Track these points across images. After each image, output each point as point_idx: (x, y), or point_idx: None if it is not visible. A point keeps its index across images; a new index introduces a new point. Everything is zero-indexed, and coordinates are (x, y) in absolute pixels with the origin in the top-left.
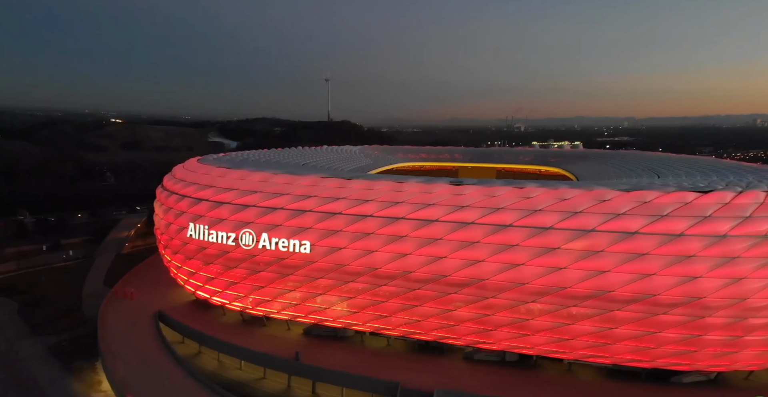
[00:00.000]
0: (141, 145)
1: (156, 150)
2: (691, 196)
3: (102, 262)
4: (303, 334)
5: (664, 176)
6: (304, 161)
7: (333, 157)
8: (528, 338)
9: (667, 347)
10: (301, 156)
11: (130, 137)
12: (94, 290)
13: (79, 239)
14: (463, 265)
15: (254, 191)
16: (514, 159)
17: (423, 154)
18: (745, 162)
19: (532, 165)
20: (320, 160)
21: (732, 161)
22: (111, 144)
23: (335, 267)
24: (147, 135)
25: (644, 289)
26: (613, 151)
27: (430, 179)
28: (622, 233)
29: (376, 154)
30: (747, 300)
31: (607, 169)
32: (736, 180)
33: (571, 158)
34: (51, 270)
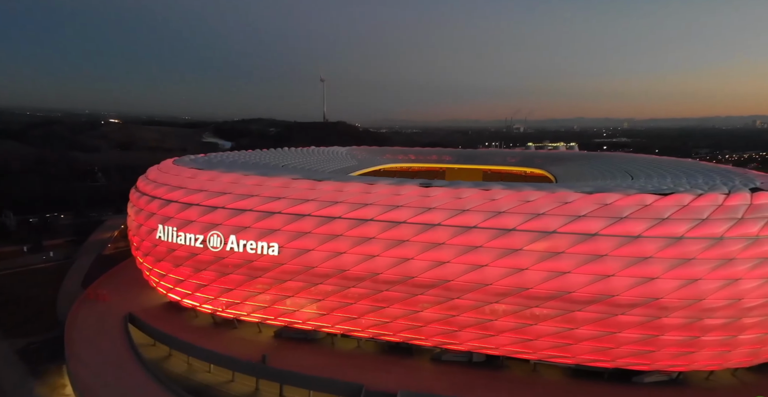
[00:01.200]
0: (134, 146)
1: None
2: (651, 199)
3: (82, 263)
4: (274, 336)
5: (638, 178)
6: (285, 162)
7: (317, 159)
8: (492, 338)
9: (627, 347)
10: (284, 157)
11: (123, 138)
12: (71, 292)
13: (62, 240)
14: (430, 266)
15: (223, 193)
16: (501, 160)
17: (411, 156)
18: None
19: (518, 167)
20: (302, 162)
21: (709, 164)
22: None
23: (304, 269)
24: (141, 135)
25: (603, 290)
26: (598, 153)
27: (401, 181)
28: (582, 234)
29: (364, 156)
30: (703, 301)
31: (586, 170)
32: (704, 182)
33: (556, 160)
34: (30, 272)
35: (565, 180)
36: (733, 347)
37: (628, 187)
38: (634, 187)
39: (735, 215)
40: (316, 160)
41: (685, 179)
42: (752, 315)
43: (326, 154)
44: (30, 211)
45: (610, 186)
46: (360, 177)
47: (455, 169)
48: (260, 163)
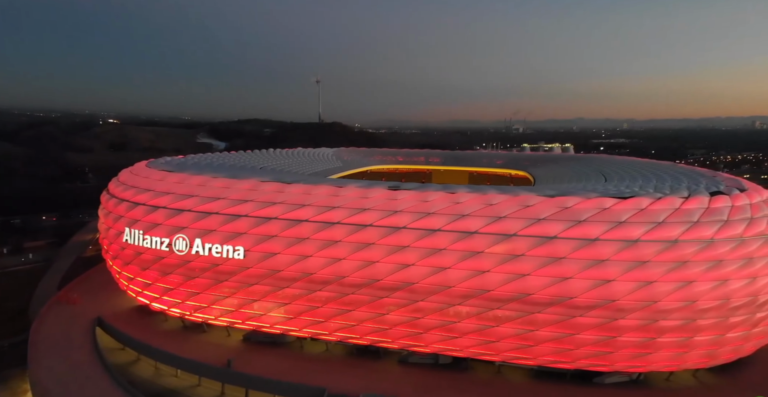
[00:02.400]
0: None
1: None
2: (610, 203)
3: (60, 265)
4: (243, 340)
5: (611, 180)
6: (265, 164)
7: (300, 160)
8: (456, 340)
9: (586, 348)
10: (267, 159)
11: (117, 138)
12: (47, 295)
13: (44, 242)
14: (395, 269)
15: (190, 195)
16: (487, 162)
17: (399, 158)
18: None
19: (503, 169)
20: (283, 164)
21: (685, 166)
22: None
23: (270, 273)
24: (135, 136)
25: (562, 292)
26: (583, 155)
27: (370, 184)
28: (541, 237)
29: (351, 157)
30: (658, 303)
31: (565, 172)
32: (670, 185)
33: (540, 162)
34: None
35: (543, 181)
36: (689, 348)
37: (589, 190)
38: (597, 190)
39: (691, 219)
40: (299, 162)
41: (654, 182)
42: (707, 317)
43: (312, 155)
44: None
45: (573, 189)
46: (330, 180)
47: (441, 171)
48: (237, 166)
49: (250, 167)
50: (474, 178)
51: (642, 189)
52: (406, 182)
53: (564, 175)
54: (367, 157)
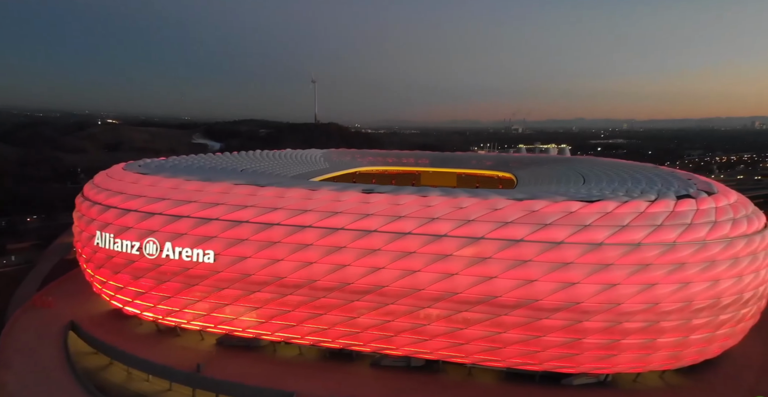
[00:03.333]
0: (122, 147)
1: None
2: (576, 206)
3: (42, 268)
4: (216, 344)
5: (589, 181)
6: (247, 167)
7: (285, 162)
8: (426, 342)
9: (552, 350)
10: (250, 161)
11: (112, 139)
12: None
13: (28, 244)
14: (366, 272)
15: (162, 199)
16: (475, 164)
17: (389, 159)
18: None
19: (490, 170)
20: (266, 166)
21: (665, 168)
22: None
23: (241, 277)
24: (130, 136)
25: (528, 294)
26: (570, 157)
27: (344, 187)
28: (509, 240)
29: (339, 159)
30: (621, 305)
31: (547, 174)
32: (644, 187)
33: (526, 164)
34: None
35: (524, 183)
36: (653, 350)
37: (560, 193)
38: (568, 193)
39: (655, 222)
40: (284, 164)
41: (629, 184)
42: (670, 319)
43: (299, 157)
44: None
45: (542, 192)
46: (304, 183)
47: (430, 172)
48: (217, 168)
49: (231, 170)
50: (462, 180)
51: (614, 192)
52: (381, 185)
53: (546, 177)
54: (357, 158)
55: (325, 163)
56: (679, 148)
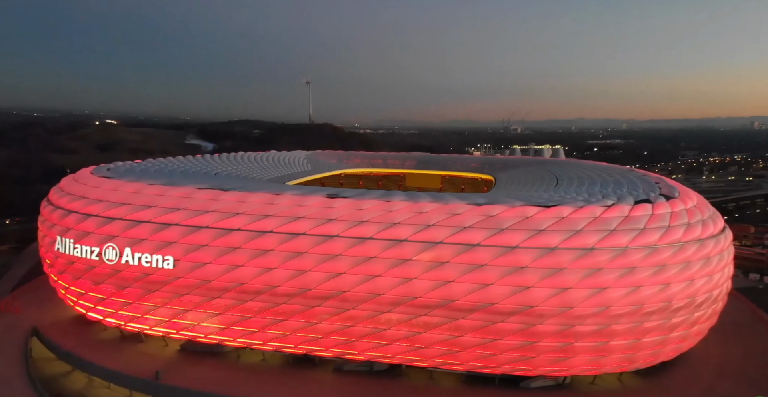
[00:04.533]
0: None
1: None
2: (532, 211)
3: (17, 272)
4: (180, 350)
5: (561, 183)
6: (223, 170)
7: (264, 165)
8: (387, 347)
9: (508, 353)
10: (229, 164)
11: (104, 140)
12: None
13: (7, 247)
14: (326, 278)
15: (122, 203)
16: (460, 166)
17: (373, 161)
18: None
19: (474, 173)
20: (241, 169)
21: (642, 172)
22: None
23: (201, 283)
24: (123, 137)
25: (484, 298)
26: (552, 160)
27: (309, 191)
28: (465, 245)
29: (324, 161)
30: (574, 309)
31: (525, 176)
32: (610, 191)
33: (508, 166)
34: None
35: (502, 185)
36: (606, 352)
37: (516, 198)
38: (526, 198)
39: (608, 227)
40: (263, 167)
41: (599, 187)
42: (622, 322)
43: (281, 160)
44: None
45: (501, 197)
46: (268, 187)
47: (414, 174)
48: (190, 172)
49: (204, 173)
50: (446, 182)
51: (578, 195)
52: (347, 190)
53: (523, 179)
54: (342, 160)
55: (307, 166)
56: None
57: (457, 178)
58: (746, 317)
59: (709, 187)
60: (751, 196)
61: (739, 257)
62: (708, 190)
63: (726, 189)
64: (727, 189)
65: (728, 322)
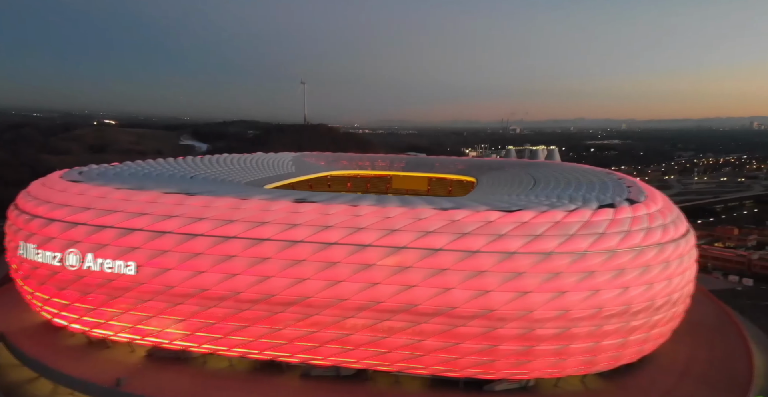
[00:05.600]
0: (108, 148)
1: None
2: (495, 216)
3: None
4: (146, 356)
5: (538, 185)
6: (199, 173)
7: (245, 168)
8: (352, 352)
9: (470, 357)
10: (208, 167)
11: (97, 140)
12: None
13: None
14: (291, 283)
15: (87, 208)
16: (449, 168)
17: (360, 163)
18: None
19: (459, 175)
20: (220, 172)
21: (620, 175)
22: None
23: (164, 289)
24: (116, 138)
25: (446, 302)
26: (537, 162)
27: (276, 195)
28: (428, 249)
29: (311, 163)
30: (534, 312)
31: (505, 179)
32: (581, 194)
33: (493, 168)
34: None
35: (482, 186)
36: (567, 355)
37: (483, 203)
38: (490, 203)
39: (568, 232)
40: (244, 170)
41: (571, 190)
42: (581, 325)
43: (265, 162)
44: None
45: (466, 202)
46: (237, 191)
47: (401, 176)
48: (165, 175)
49: (179, 177)
50: (433, 184)
51: (548, 198)
52: (317, 193)
53: (503, 181)
54: (330, 162)
55: (292, 168)
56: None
57: (444, 181)
58: (717, 319)
59: (699, 188)
60: (740, 197)
61: (721, 258)
62: (698, 192)
63: (716, 190)
64: (717, 190)
65: (698, 324)
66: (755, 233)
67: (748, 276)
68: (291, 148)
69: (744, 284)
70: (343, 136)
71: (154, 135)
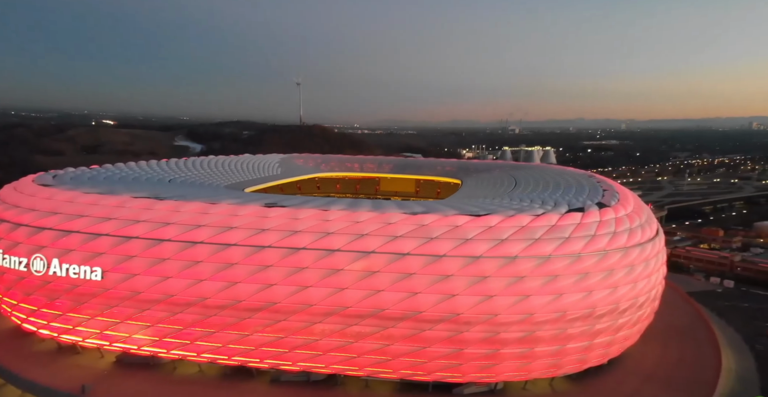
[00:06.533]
0: (102, 149)
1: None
2: (462, 220)
3: None
4: (115, 362)
5: (519, 185)
6: (179, 176)
7: (227, 170)
8: (321, 357)
9: (438, 360)
10: (189, 170)
11: (91, 141)
12: None
13: None
14: (258, 289)
15: (54, 213)
16: (436, 170)
17: (351, 164)
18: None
19: (445, 177)
20: (201, 175)
21: (601, 177)
22: (70, 148)
23: (131, 295)
24: (110, 139)
25: (413, 306)
26: (522, 164)
27: (247, 200)
28: (396, 254)
29: (299, 165)
30: (498, 316)
31: (489, 181)
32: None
33: (480, 170)
34: None
35: (467, 188)
36: (532, 358)
37: (456, 207)
38: (460, 208)
39: (533, 236)
40: (224, 172)
41: (549, 192)
42: (546, 329)
43: (250, 164)
44: None
45: (436, 206)
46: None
47: (389, 178)
48: (141, 179)
49: (157, 180)
50: (420, 186)
51: (522, 201)
52: (291, 197)
53: (486, 182)
54: (319, 164)
55: (277, 170)
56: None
57: (433, 182)
58: (691, 321)
59: (690, 189)
60: (730, 198)
61: (704, 260)
62: (687, 193)
63: (706, 192)
64: (708, 191)
65: (671, 326)
66: (741, 235)
67: (730, 278)
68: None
69: (725, 286)
70: (337, 137)
71: (149, 136)
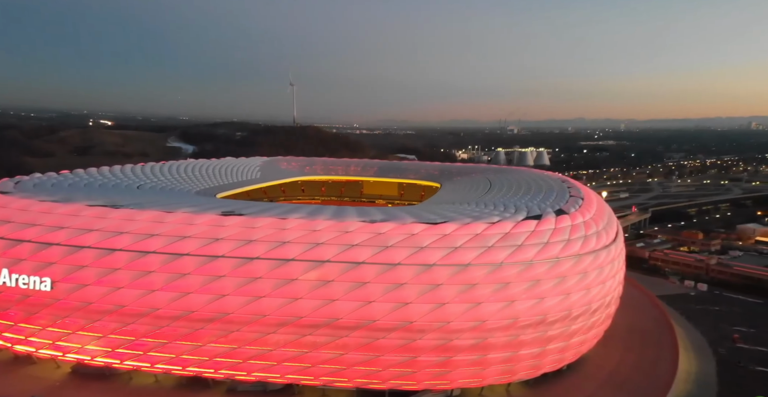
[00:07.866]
0: (93, 151)
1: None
2: (418, 228)
3: None
4: (71, 372)
5: (492, 189)
6: (149, 182)
7: (202, 175)
8: (275, 367)
9: (392, 368)
10: (163, 174)
11: (82, 142)
12: None
13: None
14: (211, 299)
15: (6, 221)
16: (422, 173)
17: (335, 168)
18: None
19: (427, 181)
20: (173, 180)
21: (573, 181)
22: (61, 149)
23: (82, 305)
24: (102, 140)
25: (367, 315)
26: (505, 167)
27: (204, 208)
28: (351, 263)
29: (281, 168)
30: (450, 323)
31: (468, 184)
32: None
33: (461, 173)
34: None
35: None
36: (485, 365)
37: (415, 215)
38: (419, 215)
39: (486, 244)
40: (198, 177)
41: (518, 196)
42: (497, 336)
43: (229, 168)
44: None
45: (398, 213)
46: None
47: (371, 182)
48: (108, 186)
49: (124, 187)
50: (403, 189)
51: (487, 206)
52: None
53: (463, 185)
54: (303, 167)
55: (257, 174)
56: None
57: (416, 186)
58: (655, 324)
59: (677, 191)
60: (716, 201)
61: (681, 263)
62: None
63: (693, 194)
64: (695, 193)
65: (635, 330)
66: (721, 237)
67: (705, 281)
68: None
69: (698, 289)
70: (332, 138)
71: (141, 137)
